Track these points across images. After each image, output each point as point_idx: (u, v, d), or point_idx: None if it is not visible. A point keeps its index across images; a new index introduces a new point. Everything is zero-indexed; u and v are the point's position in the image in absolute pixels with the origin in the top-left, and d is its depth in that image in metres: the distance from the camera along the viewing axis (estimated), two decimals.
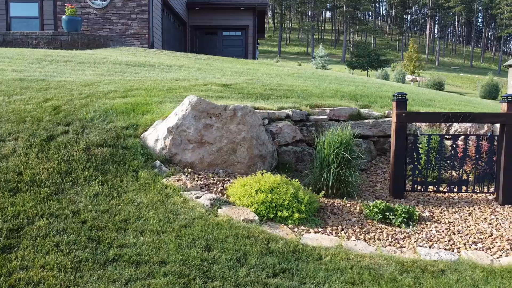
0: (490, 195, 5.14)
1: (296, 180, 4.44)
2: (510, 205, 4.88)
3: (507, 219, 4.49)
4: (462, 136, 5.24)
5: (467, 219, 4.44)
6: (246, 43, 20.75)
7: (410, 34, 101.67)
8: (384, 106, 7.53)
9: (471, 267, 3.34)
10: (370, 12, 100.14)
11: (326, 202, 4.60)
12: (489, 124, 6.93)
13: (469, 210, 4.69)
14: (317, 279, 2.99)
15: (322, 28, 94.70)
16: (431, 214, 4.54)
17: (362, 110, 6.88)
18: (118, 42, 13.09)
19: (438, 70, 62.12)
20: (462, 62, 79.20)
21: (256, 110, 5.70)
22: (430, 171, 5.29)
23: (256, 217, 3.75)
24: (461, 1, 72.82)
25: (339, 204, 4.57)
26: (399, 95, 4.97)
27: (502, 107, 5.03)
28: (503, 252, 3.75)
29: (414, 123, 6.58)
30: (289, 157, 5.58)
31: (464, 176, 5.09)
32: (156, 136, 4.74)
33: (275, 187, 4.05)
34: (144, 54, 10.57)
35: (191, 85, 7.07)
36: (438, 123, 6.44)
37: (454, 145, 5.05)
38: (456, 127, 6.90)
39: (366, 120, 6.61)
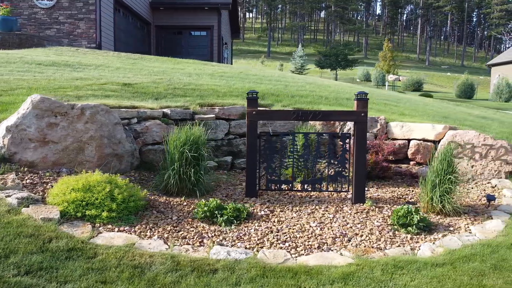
0: (345, 194, 5.12)
1: (127, 179, 4.42)
2: (360, 204, 4.86)
3: (345, 218, 4.47)
4: (315, 135, 5.22)
5: (301, 218, 4.41)
6: (211, 43, 20.72)
7: (404, 34, 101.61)
8: (288, 105, 7.51)
9: (251, 266, 3.31)
10: (363, 12, 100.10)
11: (162, 200, 4.58)
12: (382, 122, 6.93)
13: (314, 209, 4.67)
14: (68, 277, 2.97)
15: (316, 28, 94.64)
16: (269, 213, 4.51)
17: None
18: (57, 42, 13.07)
19: (427, 69, 62.04)
20: (453, 61, 79.08)
21: (124, 109, 5.69)
22: (285, 170, 5.27)
23: (57, 216, 3.72)
24: (451, 1, 72.67)
25: (175, 203, 4.54)
26: (250, 94, 4.94)
27: (355, 105, 5.01)
28: (306, 251, 3.72)
29: (295, 121, 6.56)
30: (156, 156, 5.56)
31: (318, 175, 5.06)
32: None
33: (93, 186, 4.03)
34: (75, 54, 10.55)
35: (86, 84, 7.05)
36: (313, 121, 6.41)
37: (306, 144, 5.02)
38: (349, 126, 6.88)
39: None
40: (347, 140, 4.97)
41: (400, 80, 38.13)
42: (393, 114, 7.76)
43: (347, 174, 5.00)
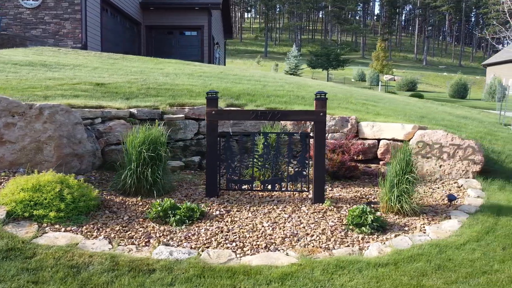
0: (307, 193, 5.11)
1: (82, 179, 4.41)
2: (319, 204, 4.85)
3: (300, 218, 4.45)
4: (275, 134, 5.20)
5: (256, 218, 4.40)
6: (202, 43, 20.71)
7: (403, 34, 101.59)
8: (262, 105, 7.50)
9: (191, 266, 3.29)
10: (361, 12, 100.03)
11: (118, 200, 4.56)
12: (352, 122, 6.91)
13: (271, 209, 4.65)
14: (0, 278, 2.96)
15: (314, 28, 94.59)
16: (225, 212, 4.50)
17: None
18: (42, 42, 13.06)
19: (424, 69, 62.01)
20: (451, 61, 79.02)
21: (88, 109, 5.68)
22: (245, 170, 5.26)
23: (2, 216, 3.71)
24: (448, 1, 72.62)
25: (130, 203, 4.53)
26: (209, 93, 4.93)
27: (314, 105, 5.00)
28: (252, 251, 3.70)
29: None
30: (119, 156, 5.54)
31: (278, 175, 5.05)
32: None
33: (43, 186, 4.02)
34: (55, 54, 10.54)
35: (58, 84, 7.03)
36: (284, 121, 6.40)
37: (266, 144, 5.01)
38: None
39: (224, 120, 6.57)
40: (307, 140, 4.96)
41: (395, 80, 38.14)
42: (368, 114, 7.75)
43: (307, 173, 4.98)
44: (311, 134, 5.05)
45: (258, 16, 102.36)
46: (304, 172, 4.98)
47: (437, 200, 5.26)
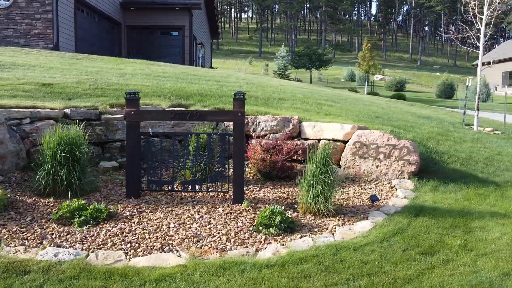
0: (229, 194, 5.08)
1: None
2: (239, 204, 4.82)
3: (211, 219, 4.42)
4: (194, 135, 5.17)
5: (166, 219, 4.37)
6: (183, 43, 20.68)
7: (399, 34, 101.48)
8: (210, 105, 7.47)
9: (70, 268, 3.25)
10: (358, 12, 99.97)
11: (30, 201, 4.53)
12: (294, 122, 6.88)
13: (186, 210, 4.62)
14: None
15: (309, 28, 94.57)
16: (137, 213, 4.47)
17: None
18: (9, 42, 13.04)
19: (418, 69, 61.97)
20: (446, 61, 78.94)
21: (15, 110, 5.65)
22: (168, 170, 5.23)
23: None
24: (443, 1, 72.58)
25: (41, 204, 4.50)
26: (129, 94, 4.90)
27: (233, 105, 4.97)
28: (145, 252, 3.67)
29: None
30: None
31: (198, 175, 5.02)
32: None
33: None
34: (16, 54, 10.51)
35: (1, 84, 7.01)
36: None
37: (186, 144, 4.98)
38: (262, 126, 6.85)
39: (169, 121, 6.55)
40: (226, 140, 4.93)
41: (385, 80, 38.11)
42: (318, 114, 7.73)
43: (227, 174, 4.95)
44: (229, 134, 5.01)
45: (255, 16, 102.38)
46: (225, 173, 4.95)
47: (363, 201, 5.23)
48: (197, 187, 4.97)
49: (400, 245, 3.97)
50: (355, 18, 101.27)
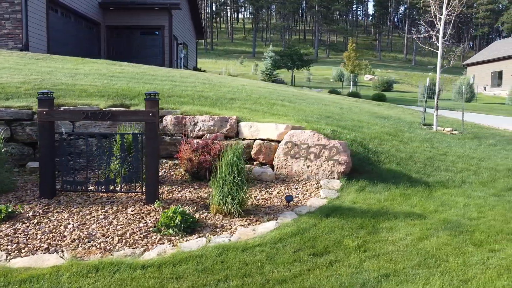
0: (144, 195, 5.05)
1: None
2: (151, 204, 4.79)
3: (116, 219, 4.40)
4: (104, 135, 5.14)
5: (68, 219, 4.34)
6: (162, 43, 20.66)
7: (396, 34, 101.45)
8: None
9: None
10: (353, 12, 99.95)
11: None
12: (232, 122, 6.85)
13: (94, 210, 4.59)
14: None
15: (304, 28, 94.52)
16: (42, 213, 4.45)
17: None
18: None
19: (411, 69, 61.98)
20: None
21: None
22: (90, 170, 5.21)
23: None
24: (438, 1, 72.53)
25: None
26: (41, 94, 4.88)
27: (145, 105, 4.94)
28: (29, 253, 3.65)
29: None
30: None
31: (112, 176, 5.00)
32: None
33: None
34: None
35: None
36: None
37: (99, 144, 4.96)
38: (200, 126, 6.82)
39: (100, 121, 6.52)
40: (139, 140, 4.90)
41: (375, 79, 38.07)
42: (264, 114, 7.69)
43: (141, 174, 4.93)
44: (142, 134, 4.98)
45: (251, 17, 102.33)
46: (138, 173, 4.92)
47: (283, 201, 5.21)
48: (111, 187, 4.95)
49: (294, 246, 3.95)
50: (352, 18, 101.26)
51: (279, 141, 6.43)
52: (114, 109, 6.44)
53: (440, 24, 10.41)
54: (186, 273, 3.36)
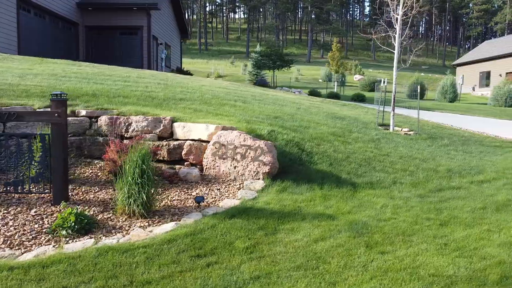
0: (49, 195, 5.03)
1: None
2: (58, 206, 4.77)
3: (13, 219, 4.38)
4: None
5: None
6: (141, 43, 20.65)
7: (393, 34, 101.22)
8: (95, 106, 7.41)
9: None
10: (353, 12, 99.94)
11: None
12: (165, 123, 6.83)
13: None
14: None
15: (299, 28, 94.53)
16: None
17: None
18: None
19: (404, 69, 61.81)
20: (435, 61, 78.97)
21: None
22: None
23: None
24: (432, 1, 72.57)
25: None
26: None
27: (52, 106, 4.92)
28: None
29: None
30: None
31: (20, 176, 4.97)
32: None
33: None
34: None
35: None
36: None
37: (7, 144, 4.94)
38: (134, 127, 6.79)
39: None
40: (46, 141, 4.88)
41: (364, 80, 38.05)
42: (208, 115, 7.67)
43: (48, 175, 4.91)
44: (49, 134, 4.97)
45: (245, 17, 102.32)
46: (46, 174, 4.90)
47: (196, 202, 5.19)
48: (19, 188, 4.93)
49: (182, 247, 3.93)
50: (348, 18, 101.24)
51: (208, 142, 6.41)
52: (19, 109, 6.39)
53: (397, 24, 10.39)
54: (52, 275, 3.34)
